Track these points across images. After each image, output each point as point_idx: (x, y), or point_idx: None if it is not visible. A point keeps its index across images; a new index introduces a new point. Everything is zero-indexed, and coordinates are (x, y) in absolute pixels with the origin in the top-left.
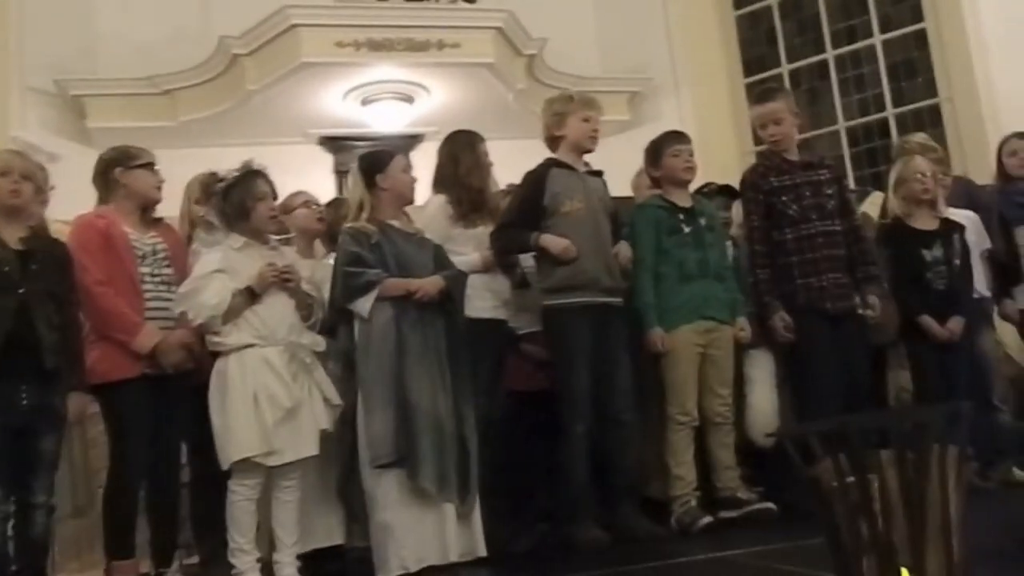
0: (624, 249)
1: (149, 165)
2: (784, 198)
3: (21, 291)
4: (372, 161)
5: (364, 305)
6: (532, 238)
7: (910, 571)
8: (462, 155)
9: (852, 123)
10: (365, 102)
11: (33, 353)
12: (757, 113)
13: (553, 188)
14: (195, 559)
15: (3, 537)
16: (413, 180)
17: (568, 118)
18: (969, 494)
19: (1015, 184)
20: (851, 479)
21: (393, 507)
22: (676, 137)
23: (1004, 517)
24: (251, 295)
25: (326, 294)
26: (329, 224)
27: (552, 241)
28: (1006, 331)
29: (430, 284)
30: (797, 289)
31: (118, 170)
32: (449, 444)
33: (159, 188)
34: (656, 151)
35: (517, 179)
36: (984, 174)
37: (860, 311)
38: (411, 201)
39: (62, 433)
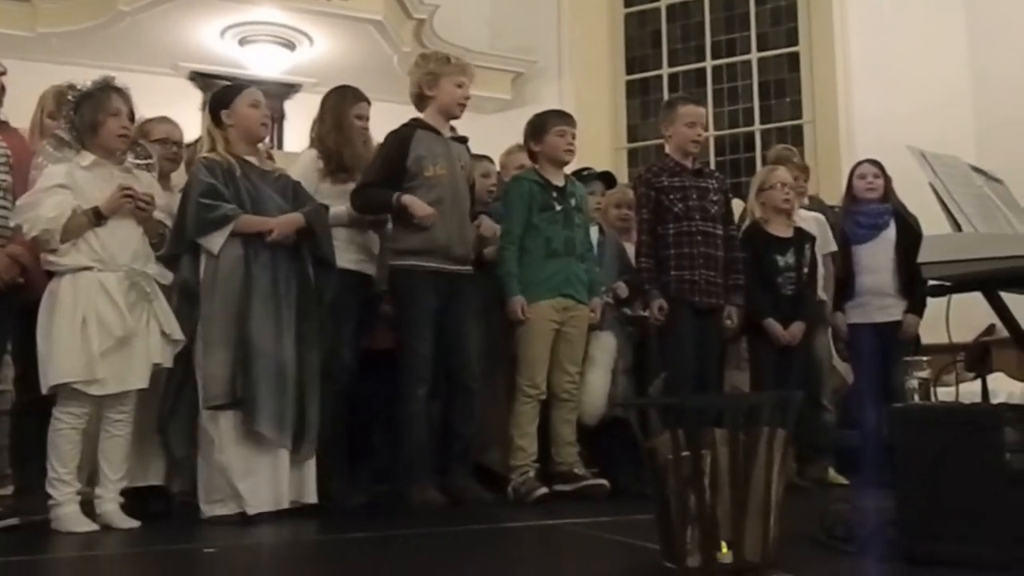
0: (488, 222)
1: None
2: (672, 196)
3: None
4: (217, 97)
5: (216, 240)
6: (394, 198)
7: (729, 545)
8: (329, 112)
9: (721, 133)
10: (243, 42)
11: None
12: (694, 112)
13: (417, 150)
14: (9, 489)
15: None
16: (263, 116)
17: (442, 79)
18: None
19: (860, 205)
20: (685, 453)
21: (230, 448)
22: (562, 118)
23: (816, 510)
24: (97, 216)
25: None
26: (188, 162)
27: (416, 203)
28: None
29: (286, 223)
30: (671, 280)
31: None
32: (289, 389)
33: None
34: (540, 126)
35: None
36: (835, 196)
37: (723, 318)
38: (261, 137)
39: None
